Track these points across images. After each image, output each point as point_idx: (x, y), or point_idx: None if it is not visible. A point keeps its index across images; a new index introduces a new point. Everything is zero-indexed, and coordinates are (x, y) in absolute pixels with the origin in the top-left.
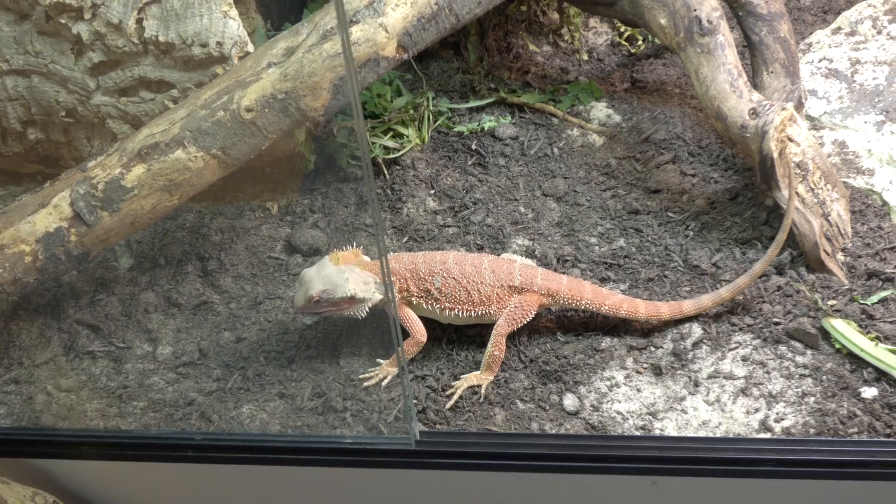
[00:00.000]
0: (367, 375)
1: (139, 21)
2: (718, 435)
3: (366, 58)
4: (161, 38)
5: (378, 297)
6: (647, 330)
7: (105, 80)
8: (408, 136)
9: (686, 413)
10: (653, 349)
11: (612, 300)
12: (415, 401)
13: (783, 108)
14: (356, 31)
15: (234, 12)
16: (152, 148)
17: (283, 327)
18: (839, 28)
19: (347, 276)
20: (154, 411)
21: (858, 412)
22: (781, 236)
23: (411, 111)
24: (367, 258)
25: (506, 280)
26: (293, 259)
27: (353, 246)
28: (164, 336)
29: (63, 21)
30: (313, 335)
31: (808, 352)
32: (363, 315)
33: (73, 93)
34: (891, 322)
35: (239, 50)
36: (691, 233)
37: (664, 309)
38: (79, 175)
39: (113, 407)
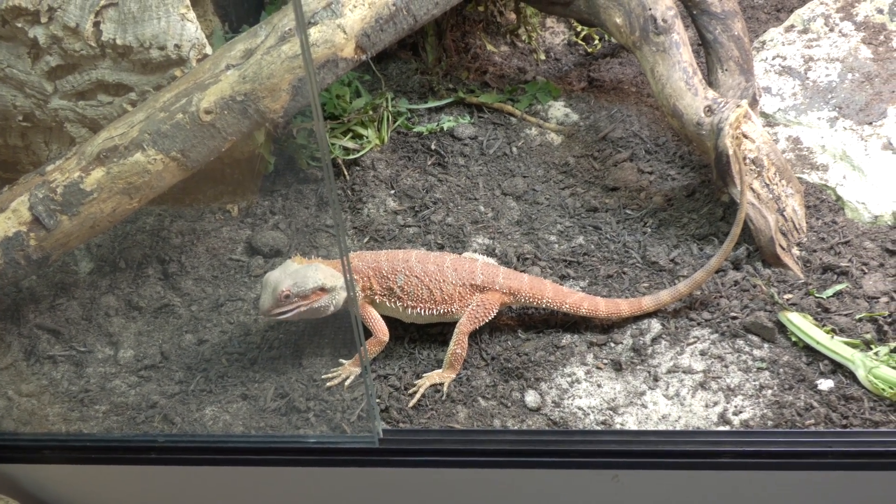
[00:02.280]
0: (329, 375)
1: (96, 24)
2: (678, 428)
3: (324, 59)
4: (118, 42)
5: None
6: (607, 326)
7: (62, 83)
8: (367, 137)
9: (646, 407)
10: (613, 345)
11: (573, 298)
12: (378, 400)
13: (738, 106)
14: (314, 33)
15: (191, 15)
16: (111, 151)
17: (245, 329)
18: (792, 26)
19: (315, 268)
20: (116, 415)
21: (815, 404)
22: (736, 230)
23: (370, 112)
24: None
25: (468, 279)
26: (254, 261)
27: (315, 253)
28: (126, 339)
29: (19, 25)
30: (275, 336)
31: (765, 345)
32: (333, 307)
33: (30, 97)
34: (845, 315)
35: (197, 52)
36: (649, 229)
37: (624, 306)
38: (37, 179)
39: (75, 411)
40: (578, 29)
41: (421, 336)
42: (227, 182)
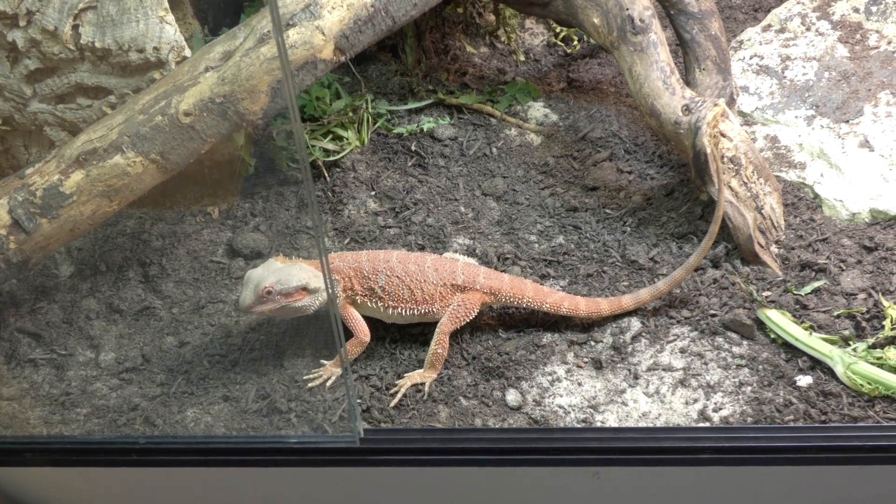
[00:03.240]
0: (311, 376)
1: (75, 27)
2: (658, 425)
3: (303, 60)
4: (97, 44)
5: None
6: (587, 325)
7: (42, 87)
8: (347, 139)
9: (626, 405)
10: (593, 343)
11: (553, 298)
12: (359, 400)
13: (715, 104)
14: (293, 34)
15: (170, 17)
16: (91, 154)
17: (227, 331)
18: (769, 25)
19: (300, 267)
20: (98, 417)
21: (794, 400)
22: (714, 228)
23: (350, 113)
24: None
25: (449, 279)
26: (235, 263)
27: (296, 254)
28: (107, 342)
29: None
30: (257, 338)
31: (745, 342)
32: (315, 307)
33: (9, 100)
34: (824, 312)
35: (176, 55)
36: (629, 228)
37: (604, 305)
38: (17, 182)
39: (56, 414)
40: (557, 30)
41: (402, 336)
42: (208, 184)
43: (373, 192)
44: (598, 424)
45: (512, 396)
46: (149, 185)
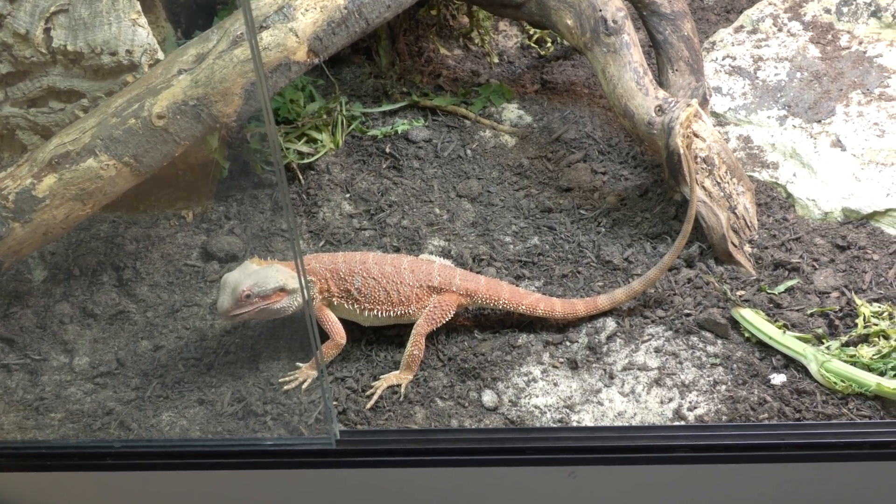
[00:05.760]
0: (286, 379)
1: (46, 31)
2: (634, 424)
3: (277, 63)
4: (69, 48)
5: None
6: (563, 325)
7: (13, 90)
8: (322, 141)
9: (602, 405)
10: (568, 344)
11: (529, 300)
12: (335, 402)
13: (688, 105)
14: (266, 37)
15: (143, 20)
16: (63, 157)
17: (202, 334)
18: (742, 26)
19: (276, 269)
20: (72, 422)
21: (768, 398)
22: (687, 227)
23: (325, 116)
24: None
25: (425, 280)
26: (209, 266)
27: (271, 256)
28: (81, 347)
29: None
30: (232, 341)
31: (719, 341)
32: (294, 307)
33: None
34: (797, 310)
35: (149, 58)
36: (603, 229)
37: (580, 306)
38: None
39: (30, 419)
40: (531, 32)
41: (378, 338)
42: (182, 187)
43: (348, 195)
44: (574, 424)
45: (488, 397)
46: (122, 188)
